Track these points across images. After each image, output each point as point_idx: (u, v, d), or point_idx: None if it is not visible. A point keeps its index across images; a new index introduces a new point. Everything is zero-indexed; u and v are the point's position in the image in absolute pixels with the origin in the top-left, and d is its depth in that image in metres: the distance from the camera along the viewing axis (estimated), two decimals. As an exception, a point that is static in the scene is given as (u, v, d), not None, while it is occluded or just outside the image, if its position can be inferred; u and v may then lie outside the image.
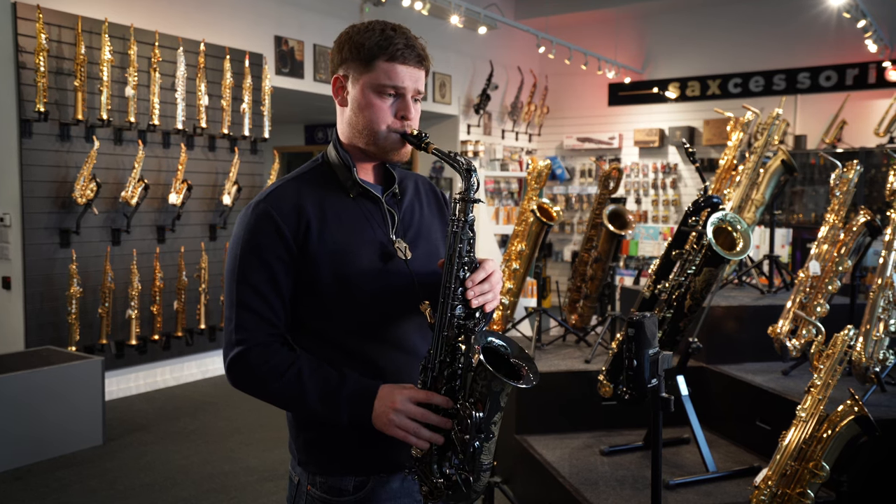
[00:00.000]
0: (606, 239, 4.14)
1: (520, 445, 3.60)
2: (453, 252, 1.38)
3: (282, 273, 1.40)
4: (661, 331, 3.18)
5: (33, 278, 4.95)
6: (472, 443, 1.32)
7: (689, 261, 3.09)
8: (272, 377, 1.38)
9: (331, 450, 1.46)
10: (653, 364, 1.51)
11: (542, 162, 4.26)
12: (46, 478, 3.92)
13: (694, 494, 2.91)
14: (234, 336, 1.40)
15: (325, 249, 1.41)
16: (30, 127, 4.87)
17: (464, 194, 1.39)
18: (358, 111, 1.43)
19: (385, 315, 1.45)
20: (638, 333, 1.50)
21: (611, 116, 9.84)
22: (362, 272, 1.42)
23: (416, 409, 1.35)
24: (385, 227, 1.48)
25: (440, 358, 1.38)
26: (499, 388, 1.31)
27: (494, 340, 1.38)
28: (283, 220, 1.40)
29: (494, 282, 1.42)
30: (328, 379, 1.38)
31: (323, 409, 1.38)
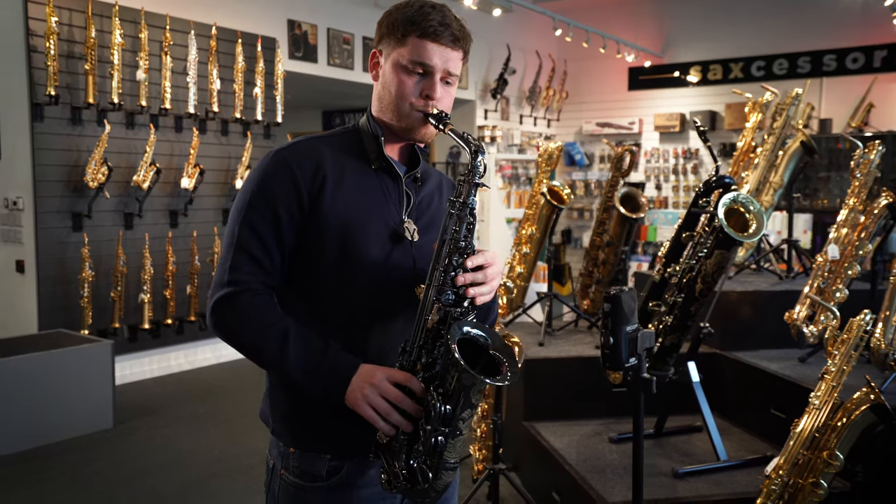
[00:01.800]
0: (619, 222, 4.04)
1: (527, 432, 3.54)
2: (447, 233, 1.33)
3: (287, 226, 1.36)
4: (672, 315, 3.10)
5: (46, 262, 4.97)
6: (435, 436, 1.25)
7: (701, 243, 2.99)
8: (257, 326, 1.33)
9: (306, 421, 1.41)
10: (631, 342, 1.43)
11: (552, 144, 4.17)
12: (56, 460, 3.94)
13: (704, 483, 2.83)
14: (227, 276, 1.35)
15: (334, 212, 1.37)
16: (41, 111, 4.88)
17: (468, 176, 1.33)
18: (385, 86, 1.42)
19: (379, 293, 1.40)
20: (614, 308, 1.42)
21: (631, 101, 9.68)
22: (367, 244, 1.38)
23: (392, 389, 1.29)
24: (399, 206, 1.44)
25: (419, 342, 1.32)
26: (469, 383, 1.23)
27: (472, 331, 1.30)
28: (300, 173, 1.36)
29: (490, 274, 1.35)
30: (313, 345, 1.33)
31: (300, 375, 1.32)
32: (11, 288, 5.14)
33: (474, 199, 1.35)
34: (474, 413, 1.30)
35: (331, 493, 1.40)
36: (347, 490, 1.40)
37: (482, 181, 1.36)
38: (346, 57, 7.12)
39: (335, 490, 1.40)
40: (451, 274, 1.32)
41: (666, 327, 3.11)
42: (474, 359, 1.29)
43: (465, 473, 3.75)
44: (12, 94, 4.97)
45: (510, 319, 4.31)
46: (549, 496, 3.25)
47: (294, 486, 1.41)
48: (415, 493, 1.32)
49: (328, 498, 1.40)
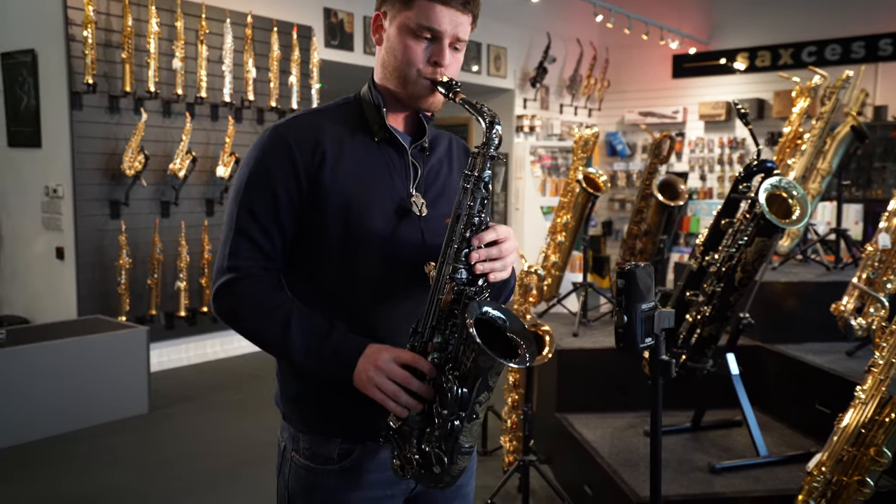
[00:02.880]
0: (657, 210, 3.91)
1: (560, 424, 3.45)
2: (461, 208, 1.25)
3: (286, 207, 1.30)
4: (710, 305, 2.98)
5: (85, 249, 5.04)
6: (451, 420, 1.19)
7: (741, 231, 2.86)
8: (259, 312, 1.29)
9: (317, 406, 1.36)
10: (646, 321, 1.33)
11: (589, 130, 4.05)
12: (91, 444, 3.98)
13: (741, 479, 2.71)
14: (227, 262, 1.31)
15: (335, 189, 1.30)
16: (80, 99, 4.94)
17: (483, 148, 1.26)
18: (390, 52, 1.33)
19: (388, 271, 1.33)
20: (628, 285, 1.32)
21: (674, 89, 9.44)
22: (371, 221, 1.32)
23: (398, 370, 1.23)
24: (406, 179, 1.37)
25: (431, 323, 1.25)
26: (487, 365, 1.17)
27: (491, 311, 1.23)
28: (298, 151, 1.29)
29: (506, 249, 1.28)
30: (316, 327, 1.28)
31: (304, 358, 1.27)
32: (52, 274, 5.23)
33: (489, 172, 1.27)
34: (490, 396, 1.23)
35: (342, 475, 1.35)
36: (359, 473, 1.35)
37: (497, 153, 1.28)
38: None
39: (346, 473, 1.35)
40: (464, 251, 1.25)
41: (704, 318, 2.99)
42: (492, 340, 1.22)
43: (495, 465, 3.68)
44: (52, 83, 5.05)
45: (544, 310, 4.22)
46: (581, 490, 3.16)
47: (305, 469, 1.37)
48: (429, 479, 1.26)
49: (339, 481, 1.35)
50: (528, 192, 7.32)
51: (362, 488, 1.35)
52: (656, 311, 1.33)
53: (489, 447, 3.85)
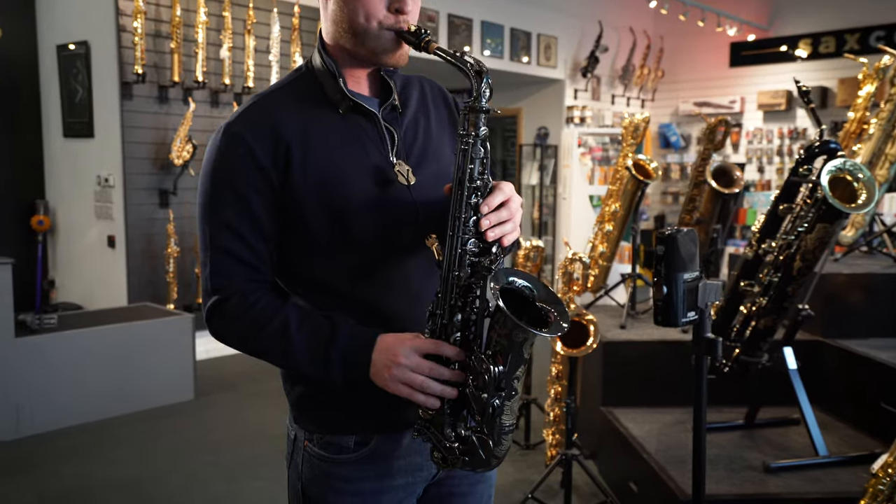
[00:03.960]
0: (710, 199, 3.75)
1: (605, 418, 3.33)
2: (463, 174, 1.14)
3: (260, 207, 1.17)
4: (767, 297, 2.82)
5: (134, 237, 5.11)
6: (492, 402, 1.10)
7: (801, 216, 2.70)
8: (253, 330, 1.18)
9: (328, 406, 1.26)
10: (689, 292, 1.21)
11: (639, 115, 3.90)
12: (137, 428, 4.03)
13: (798, 480, 2.56)
14: (210, 283, 1.19)
15: (310, 179, 1.17)
16: (130, 89, 5.00)
17: (473, 102, 1.14)
18: (342, 4, 1.17)
19: (385, 253, 1.22)
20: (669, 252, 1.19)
21: (732, 78, 9.13)
22: (356, 203, 1.19)
23: (422, 362, 1.12)
24: (383, 148, 1.23)
25: (450, 302, 1.15)
26: (521, 338, 1.08)
27: (517, 280, 1.14)
28: (257, 145, 1.16)
29: (514, 209, 1.17)
30: (318, 331, 1.17)
31: (312, 368, 1.17)
32: (104, 263, 5.32)
33: (485, 128, 1.15)
34: (525, 368, 1.14)
35: (359, 465, 1.26)
36: (377, 462, 1.26)
37: (489, 106, 1.16)
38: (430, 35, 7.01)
39: (364, 462, 1.26)
40: (472, 220, 1.14)
41: (759, 309, 2.84)
42: (519, 310, 1.13)
43: (538, 459, 3.58)
44: (104, 74, 5.13)
45: (591, 301, 4.09)
46: (626, 487, 3.04)
47: (319, 458, 1.28)
48: (475, 464, 1.17)
49: (356, 471, 1.26)
50: (575, 180, 7.14)
51: (381, 477, 1.27)
52: (701, 283, 1.21)
53: (532, 440, 3.74)
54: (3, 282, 3.78)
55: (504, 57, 7.73)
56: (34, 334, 3.95)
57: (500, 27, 7.67)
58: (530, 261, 3.64)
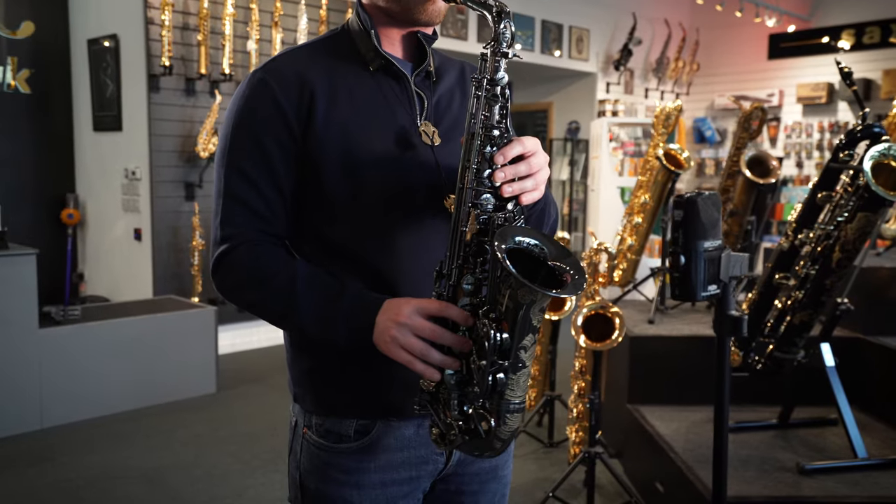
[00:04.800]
0: (744, 189, 3.60)
1: (631, 416, 3.22)
2: (476, 120, 1.05)
3: (279, 159, 1.13)
4: (803, 290, 2.68)
5: (160, 230, 5.11)
6: (493, 373, 0.99)
7: (840, 205, 2.56)
8: (259, 281, 1.12)
9: (329, 383, 1.19)
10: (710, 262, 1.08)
11: (671, 104, 3.78)
12: (159, 420, 4.01)
13: (835, 482, 2.42)
14: (220, 232, 1.14)
15: (331, 132, 1.13)
16: (157, 82, 5.00)
17: (493, 45, 1.05)
18: None
19: (402, 217, 1.15)
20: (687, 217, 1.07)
21: (770, 71, 8.88)
22: (377, 162, 1.13)
23: (425, 324, 1.03)
24: (411, 110, 1.18)
25: (458, 262, 1.06)
26: (528, 300, 0.96)
27: (525, 239, 1.03)
28: (282, 92, 1.12)
29: (536, 164, 1.07)
30: (326, 289, 1.10)
31: (316, 325, 1.10)
32: (130, 255, 5.34)
33: (504, 75, 1.06)
34: (536, 338, 1.03)
35: (359, 455, 1.19)
36: (378, 452, 1.19)
37: (511, 51, 1.07)
38: (459, 27, 6.93)
39: (364, 452, 1.18)
40: (486, 172, 1.05)
41: (795, 303, 2.70)
42: (531, 272, 1.03)
43: (561, 456, 3.48)
44: (132, 67, 5.14)
45: (619, 296, 3.97)
46: (651, 487, 2.92)
47: (318, 447, 1.21)
48: (476, 446, 1.06)
49: (356, 461, 1.19)
50: (604, 172, 6.97)
51: (382, 469, 1.19)
52: (724, 253, 1.08)
53: (556, 438, 3.64)
54: (27, 272, 3.79)
55: (535, 50, 7.61)
56: (58, 325, 3.95)
57: (530, 19, 7.55)
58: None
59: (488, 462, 1.27)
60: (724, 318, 1.10)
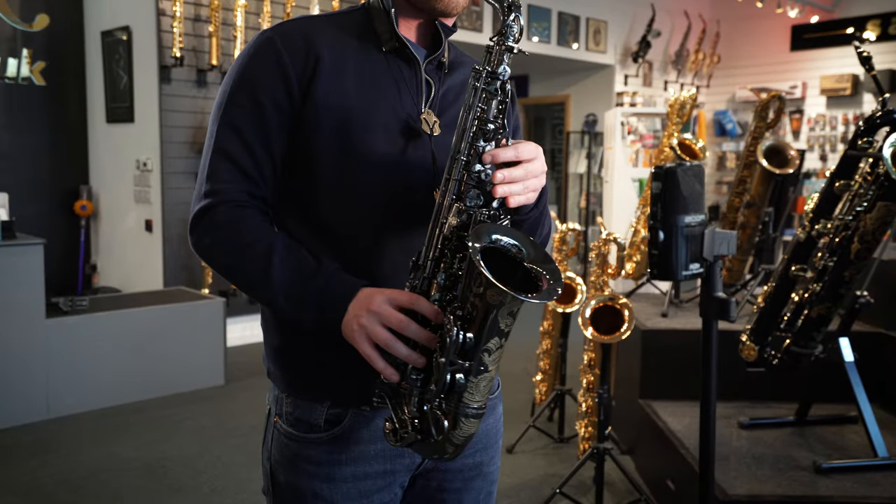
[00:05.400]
0: (761, 180, 3.49)
1: (642, 411, 3.13)
2: (471, 111, 1.01)
3: (274, 122, 1.09)
4: (821, 282, 2.59)
5: (171, 221, 5.10)
6: (452, 372, 0.94)
7: (859, 194, 2.46)
8: (236, 244, 1.07)
9: (302, 362, 1.14)
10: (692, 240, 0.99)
11: (685, 92, 3.67)
12: (165, 412, 3.99)
13: (853, 482, 2.33)
14: (204, 187, 1.10)
15: (330, 102, 1.08)
16: (168, 73, 4.98)
17: (499, 38, 1.01)
18: None
19: (392, 201, 1.11)
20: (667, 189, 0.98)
21: (792, 63, 8.70)
22: (373, 142, 1.09)
23: (393, 313, 0.98)
24: (417, 97, 1.14)
25: (434, 255, 1.01)
26: (497, 302, 0.91)
27: (504, 238, 0.98)
28: (287, 55, 1.08)
29: (531, 170, 1.02)
30: (302, 266, 1.05)
31: (286, 303, 1.05)
32: (142, 247, 5.33)
33: (507, 69, 1.02)
34: (503, 343, 0.98)
35: (330, 446, 1.13)
36: (350, 444, 1.13)
37: (517, 46, 1.03)
38: (474, 19, 6.85)
39: (335, 443, 1.12)
40: (476, 167, 1.01)
41: (813, 296, 2.61)
42: (506, 273, 0.97)
43: (571, 452, 3.41)
44: (144, 59, 5.13)
45: (632, 289, 3.88)
46: (663, 484, 2.84)
47: (288, 437, 1.15)
48: (427, 448, 1.01)
49: (327, 453, 1.13)
50: (618, 163, 6.86)
51: (355, 462, 1.13)
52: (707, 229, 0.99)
53: (567, 434, 3.56)
54: (34, 262, 3.78)
55: (551, 42, 7.51)
56: (65, 316, 3.94)
57: (547, 11, 7.45)
58: (567, 244, 3.46)
59: (472, 458, 1.21)
60: (711, 301, 1.00)
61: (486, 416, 1.23)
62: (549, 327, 3.57)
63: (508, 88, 1.02)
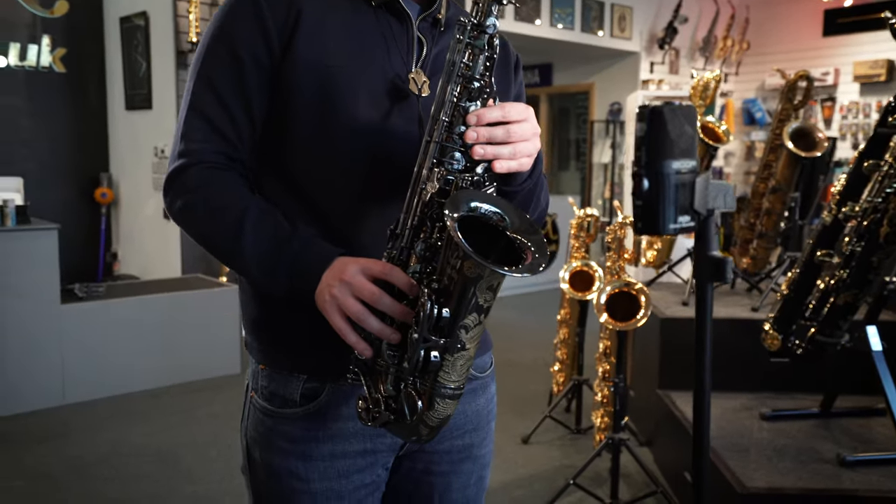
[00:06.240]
0: (788, 164, 3.36)
1: (661, 402, 3.04)
2: (454, 67, 0.93)
3: (253, 78, 1.02)
4: (848, 268, 2.47)
5: (189, 209, 5.08)
6: (425, 349, 0.88)
7: (890, 175, 2.35)
8: (207, 209, 1.01)
9: (278, 332, 1.08)
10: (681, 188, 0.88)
11: (709, 73, 3.55)
12: (179, 399, 3.98)
13: (879, 476, 2.23)
14: (178, 147, 1.05)
15: (311, 58, 1.01)
16: (185, 59, 4.96)
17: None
18: None
19: (375, 165, 1.03)
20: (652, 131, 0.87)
21: (825, 49, 8.45)
22: (356, 102, 1.02)
23: (365, 284, 0.91)
24: (407, 56, 1.06)
25: (413, 222, 0.94)
26: (474, 274, 0.84)
27: (483, 205, 0.90)
28: (268, 6, 1.02)
29: (517, 133, 0.94)
30: (277, 230, 0.99)
31: (258, 271, 0.99)
32: (160, 235, 5.33)
33: (495, 20, 0.93)
34: (483, 319, 0.90)
35: (306, 422, 1.06)
36: (328, 421, 1.06)
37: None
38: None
39: (312, 420, 1.06)
40: (458, 128, 0.93)
41: (839, 283, 2.50)
42: (488, 244, 0.90)
43: (588, 444, 3.32)
44: (161, 44, 5.12)
45: (653, 277, 3.78)
46: (681, 476, 2.75)
47: (263, 412, 1.09)
48: (400, 429, 0.95)
49: (302, 429, 1.06)
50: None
51: (332, 439, 1.06)
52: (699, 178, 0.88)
53: (584, 425, 3.48)
54: (49, 247, 3.78)
55: (575, 28, 7.37)
56: (80, 302, 3.94)
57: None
58: (584, 230, 3.37)
59: (460, 439, 1.14)
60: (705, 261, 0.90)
61: (478, 395, 1.16)
62: (567, 316, 3.48)
63: (496, 43, 0.94)
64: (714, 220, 0.90)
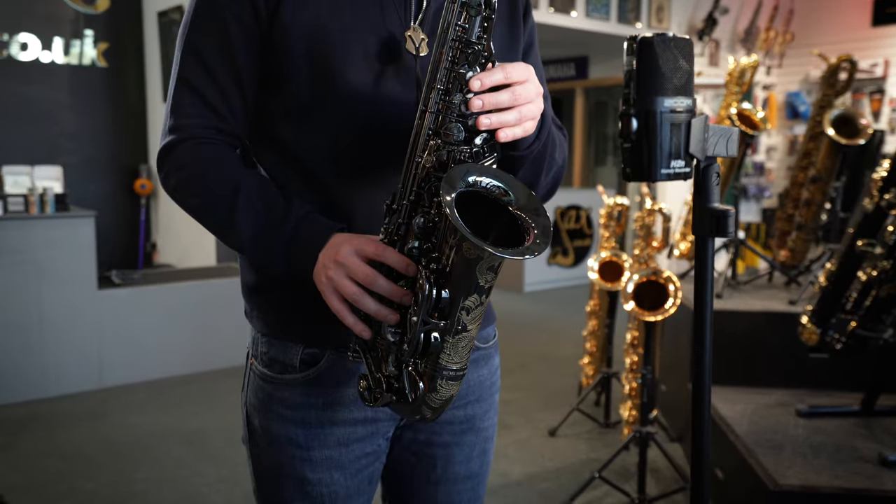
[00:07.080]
0: (829, 152, 3.25)
1: (692, 396, 2.96)
2: (448, 28, 0.87)
3: (241, 45, 0.98)
4: (891, 259, 2.38)
5: (223, 199, 5.13)
6: (425, 331, 0.85)
7: (936, 160, 2.25)
8: (201, 186, 0.99)
9: (277, 300, 1.06)
10: (674, 129, 0.80)
11: (746, 59, 3.46)
12: (210, 385, 4.02)
13: (921, 476, 2.13)
14: (169, 122, 1.02)
15: (302, 20, 0.97)
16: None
17: None
18: None
19: (371, 132, 0.99)
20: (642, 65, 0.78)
21: (874, 39, 8.19)
22: (349, 71, 0.97)
23: (360, 265, 0.89)
24: (403, 15, 1.00)
25: (409, 197, 0.90)
26: (473, 255, 0.81)
27: (484, 179, 0.86)
28: None
29: (522, 94, 0.89)
30: (271, 209, 0.96)
31: (253, 249, 0.97)
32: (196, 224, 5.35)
33: None
34: (485, 300, 0.87)
35: (305, 388, 1.04)
36: (328, 388, 1.04)
37: None
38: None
39: (312, 386, 1.04)
40: (456, 96, 0.88)
41: (882, 274, 2.41)
42: (489, 220, 0.86)
43: (616, 437, 3.26)
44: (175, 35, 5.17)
45: (686, 270, 3.69)
46: (711, 473, 2.67)
47: (262, 379, 1.07)
48: (402, 409, 0.93)
49: (302, 395, 1.04)
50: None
51: (332, 407, 1.04)
52: (696, 118, 0.80)
53: (613, 419, 3.42)
54: (86, 234, 3.85)
55: (611, 19, 7.26)
56: (116, 288, 4.01)
57: (607, -13, 7.20)
58: (613, 220, 3.31)
59: (462, 410, 1.12)
60: (704, 213, 0.84)
61: (480, 366, 1.13)
62: (596, 307, 3.42)
63: (494, 2, 0.88)
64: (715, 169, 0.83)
